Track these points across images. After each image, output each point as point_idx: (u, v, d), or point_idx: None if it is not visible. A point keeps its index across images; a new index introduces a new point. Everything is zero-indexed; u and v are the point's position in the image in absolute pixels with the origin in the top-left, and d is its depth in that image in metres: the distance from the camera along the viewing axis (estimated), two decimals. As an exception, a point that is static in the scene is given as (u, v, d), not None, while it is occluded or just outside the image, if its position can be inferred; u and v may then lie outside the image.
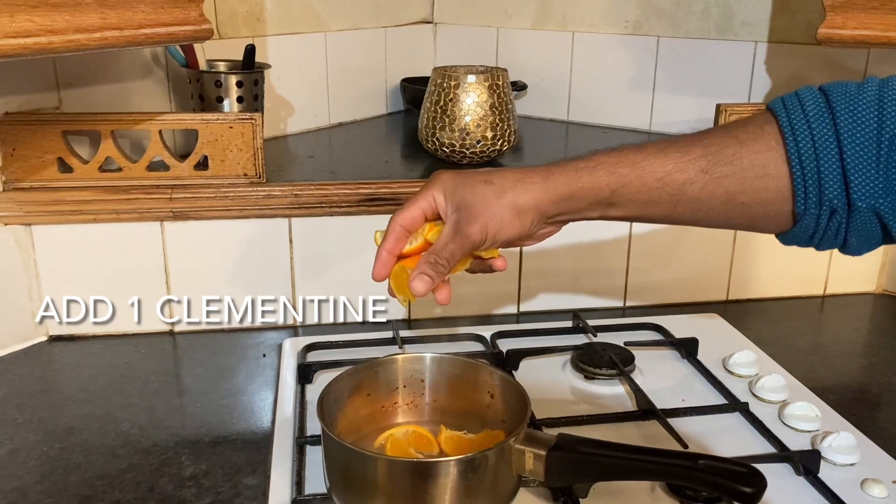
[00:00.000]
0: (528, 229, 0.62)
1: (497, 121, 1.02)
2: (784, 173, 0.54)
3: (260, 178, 0.93)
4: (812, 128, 0.53)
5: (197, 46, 1.01)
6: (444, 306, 1.00)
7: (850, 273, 1.11)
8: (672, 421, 0.74)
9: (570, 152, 1.15)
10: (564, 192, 0.60)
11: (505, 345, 0.90)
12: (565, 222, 0.64)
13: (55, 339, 0.94)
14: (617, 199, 0.59)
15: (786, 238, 0.58)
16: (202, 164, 0.93)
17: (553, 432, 0.60)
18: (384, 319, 0.99)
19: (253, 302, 0.97)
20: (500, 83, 1.02)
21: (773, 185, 0.54)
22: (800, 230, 0.55)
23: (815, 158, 0.52)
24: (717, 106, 1.02)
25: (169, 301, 0.95)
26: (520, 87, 1.34)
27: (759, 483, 0.51)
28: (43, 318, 0.93)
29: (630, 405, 0.80)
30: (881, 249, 1.09)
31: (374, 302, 0.99)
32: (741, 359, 0.87)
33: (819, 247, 0.57)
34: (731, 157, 0.55)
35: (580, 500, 0.63)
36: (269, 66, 1.08)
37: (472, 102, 1.01)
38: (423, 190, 0.64)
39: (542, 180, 0.60)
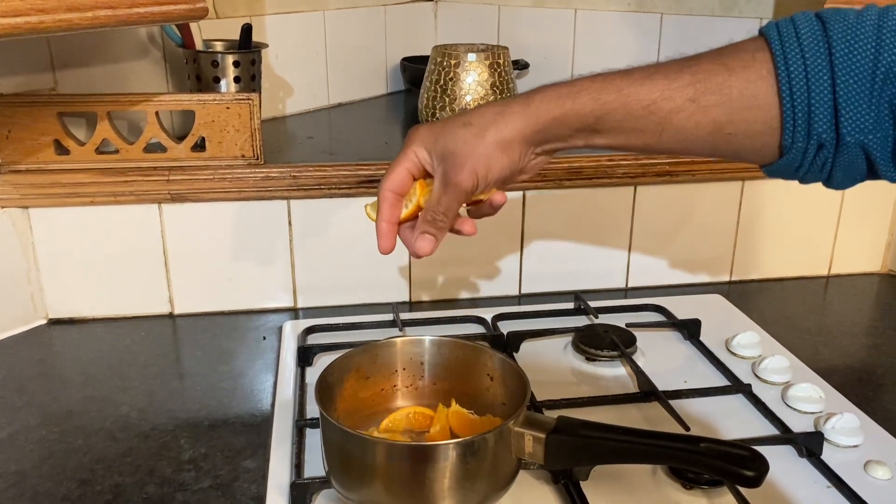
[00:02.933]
0: (518, 162, 0.60)
1: (498, 100, 1.00)
2: (774, 104, 0.52)
3: (258, 159, 0.92)
4: (806, 58, 0.50)
5: (193, 26, 1.00)
6: (444, 286, 1.00)
7: (855, 253, 1.10)
8: (674, 403, 0.73)
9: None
10: (546, 119, 0.58)
11: (506, 327, 0.89)
12: (553, 152, 0.62)
13: (54, 323, 0.94)
14: (601, 126, 0.57)
15: (770, 170, 0.56)
16: (199, 146, 0.92)
17: (553, 414, 0.59)
18: (384, 301, 0.99)
19: (252, 284, 0.96)
20: (502, 62, 1.01)
21: (762, 116, 0.52)
22: (785, 163, 0.54)
23: (806, 90, 0.50)
24: (722, 84, 1.01)
25: (168, 284, 0.95)
26: (521, 65, 1.32)
27: (762, 466, 0.50)
28: (42, 301, 0.93)
29: (631, 387, 0.79)
30: (888, 229, 1.09)
31: (375, 284, 0.99)
32: (744, 340, 0.86)
33: (803, 180, 0.55)
34: (720, 86, 0.53)
35: (580, 482, 0.63)
36: (266, 46, 1.07)
37: (472, 81, 1.00)
38: (403, 150, 0.62)
39: (522, 109, 0.58)
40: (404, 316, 0.92)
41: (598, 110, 0.56)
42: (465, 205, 0.64)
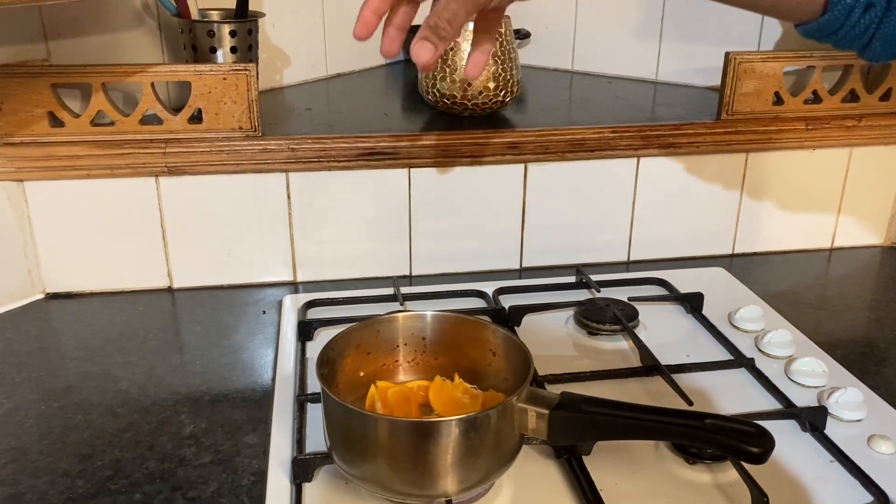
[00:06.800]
0: None
1: (499, 70, 0.99)
2: None
3: (255, 131, 0.91)
4: None
5: (188, -6, 0.98)
6: (445, 260, 0.99)
7: (858, 226, 1.09)
8: (676, 377, 0.73)
9: (575, 103, 1.13)
10: None
11: (507, 301, 0.88)
12: None
13: (52, 297, 0.93)
14: None
15: (807, 29, 0.53)
16: (196, 118, 0.90)
17: (556, 389, 0.59)
18: (385, 275, 0.98)
19: (251, 258, 0.96)
20: (503, 31, 0.99)
21: None
22: (826, 21, 0.51)
23: None
24: (727, 54, 0.99)
25: (166, 257, 0.94)
26: (523, 35, 1.30)
27: (767, 443, 0.50)
28: (39, 275, 0.92)
29: (634, 361, 0.79)
30: (891, 202, 1.08)
31: (375, 258, 0.98)
32: (747, 314, 0.85)
33: (839, 44, 0.52)
34: None
35: (583, 458, 0.62)
36: (263, 15, 1.05)
37: (473, 52, 0.98)
38: None
39: None
40: (405, 290, 0.91)
41: None
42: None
